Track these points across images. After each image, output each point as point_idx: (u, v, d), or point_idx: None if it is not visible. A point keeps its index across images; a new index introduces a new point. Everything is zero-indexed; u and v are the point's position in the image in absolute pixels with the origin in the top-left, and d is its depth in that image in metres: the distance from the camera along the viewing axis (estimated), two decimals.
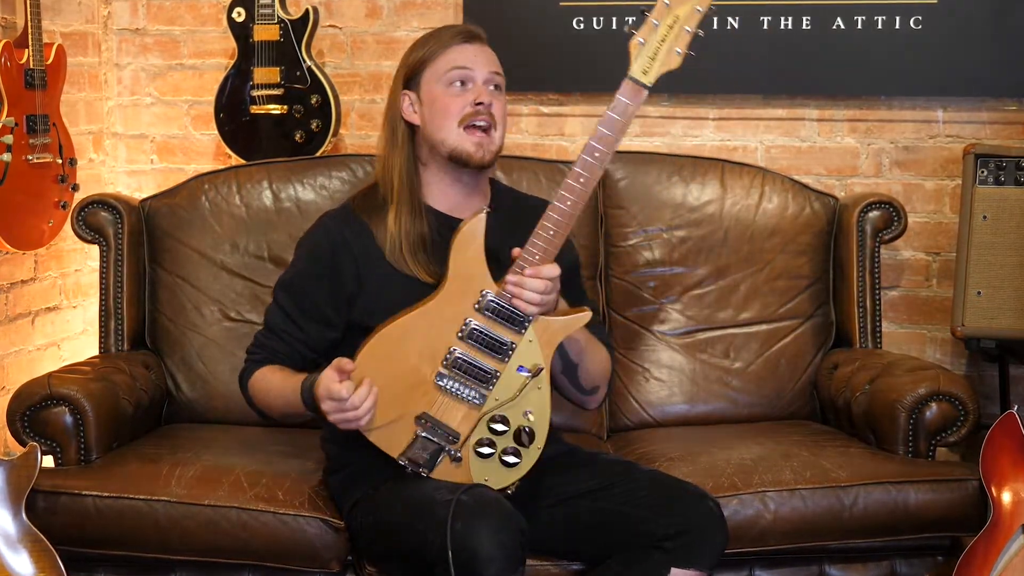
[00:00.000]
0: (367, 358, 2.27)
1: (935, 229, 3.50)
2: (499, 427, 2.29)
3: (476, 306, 2.28)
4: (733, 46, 3.44)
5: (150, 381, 2.97)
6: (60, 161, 3.31)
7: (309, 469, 2.66)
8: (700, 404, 3.09)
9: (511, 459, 2.30)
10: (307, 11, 3.45)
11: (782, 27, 3.42)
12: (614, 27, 3.48)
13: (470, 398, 2.29)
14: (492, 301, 2.27)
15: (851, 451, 2.77)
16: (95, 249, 3.11)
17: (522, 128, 3.62)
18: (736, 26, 3.43)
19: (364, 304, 2.43)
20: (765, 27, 3.43)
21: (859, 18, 3.39)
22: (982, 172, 3.15)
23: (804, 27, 3.41)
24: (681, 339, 3.13)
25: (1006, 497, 2.59)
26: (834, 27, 3.41)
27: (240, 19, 3.46)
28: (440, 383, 2.28)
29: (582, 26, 3.50)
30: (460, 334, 2.28)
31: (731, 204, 3.18)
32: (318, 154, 3.44)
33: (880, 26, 3.39)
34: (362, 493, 2.43)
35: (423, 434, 2.29)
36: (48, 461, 2.68)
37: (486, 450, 2.29)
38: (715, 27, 3.44)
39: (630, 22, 3.38)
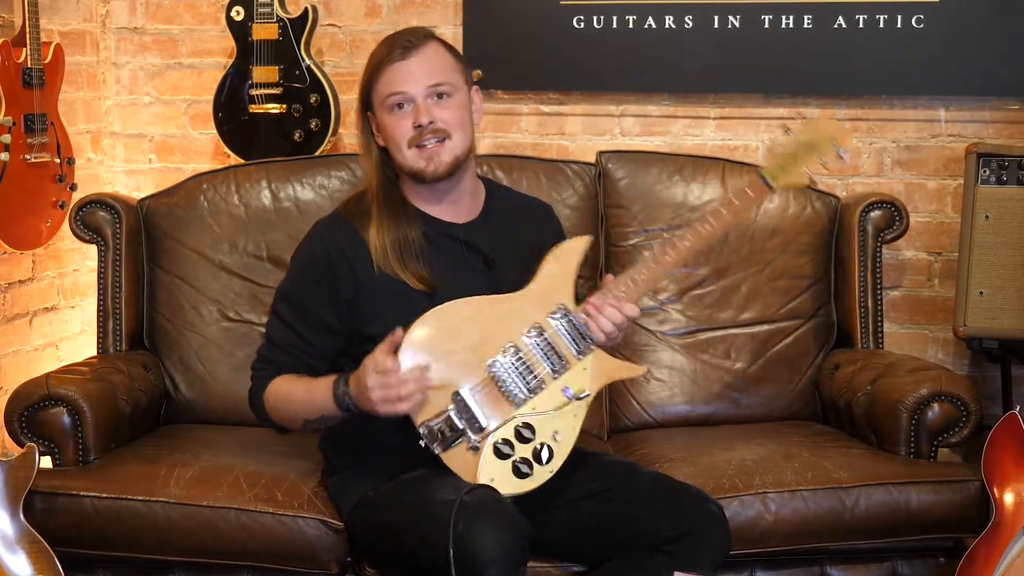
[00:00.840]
0: (434, 317, 2.28)
1: (937, 229, 3.49)
2: (526, 433, 2.30)
3: (550, 315, 2.33)
4: (734, 45, 3.43)
5: (148, 381, 2.96)
6: (58, 160, 3.30)
7: (308, 470, 2.65)
8: (701, 405, 3.08)
9: (524, 468, 2.29)
10: (306, 10, 3.44)
11: (783, 26, 3.41)
12: (614, 26, 3.47)
13: (512, 395, 2.30)
14: (567, 316, 2.34)
15: (852, 452, 2.76)
16: (93, 249, 3.10)
17: (522, 128, 3.61)
18: (737, 25, 3.42)
19: (361, 310, 2.41)
20: (766, 26, 3.42)
21: (860, 17, 3.38)
22: (984, 172, 3.14)
23: (805, 26, 3.40)
24: (682, 339, 3.12)
25: (1008, 498, 2.58)
26: (835, 26, 3.40)
27: (239, 18, 3.45)
28: (492, 370, 2.29)
29: (582, 25, 3.49)
30: (526, 335, 2.32)
31: None
32: (317, 153, 3.43)
33: (882, 25, 3.38)
34: (362, 495, 2.42)
35: (453, 412, 2.28)
36: (46, 462, 2.68)
37: (506, 450, 2.29)
38: (716, 26, 3.43)
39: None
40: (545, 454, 2.30)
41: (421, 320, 2.28)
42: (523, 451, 2.29)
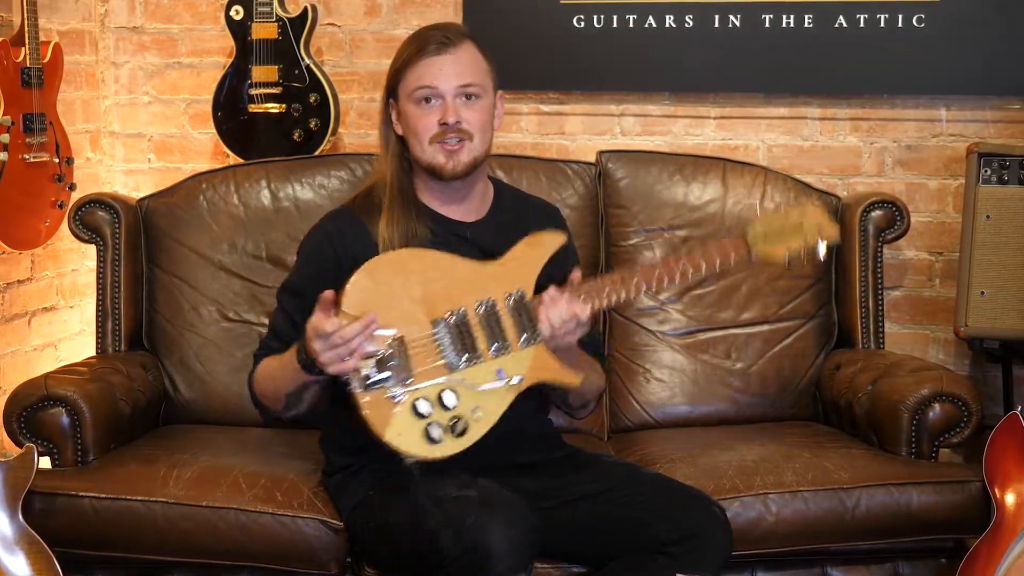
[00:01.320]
0: (393, 259, 2.28)
1: (938, 229, 3.48)
2: (448, 400, 2.23)
3: (507, 295, 2.30)
4: (734, 44, 3.42)
5: (147, 382, 2.96)
6: (57, 160, 3.29)
7: (308, 470, 2.64)
8: (701, 405, 3.07)
9: (435, 434, 2.22)
10: (305, 9, 3.43)
11: (784, 25, 3.41)
12: (615, 26, 3.46)
13: (448, 357, 2.26)
14: (522, 300, 2.30)
15: (853, 452, 2.76)
16: (92, 249, 3.10)
17: (522, 127, 3.61)
18: (737, 24, 3.42)
19: None
20: (767, 25, 3.41)
21: (861, 16, 3.38)
22: (985, 171, 3.13)
23: (806, 25, 3.40)
24: (682, 339, 3.11)
25: (1009, 498, 2.58)
26: (836, 25, 3.39)
27: (238, 17, 3.44)
28: (436, 328, 2.26)
29: (582, 24, 3.48)
30: (478, 305, 2.29)
31: (733, 203, 3.16)
32: (317, 153, 3.42)
33: (883, 24, 3.37)
34: (363, 495, 2.42)
35: (387, 355, 2.23)
36: (45, 462, 2.67)
37: (425, 409, 2.22)
38: (716, 25, 3.42)
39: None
40: (460, 426, 2.23)
41: (367, 266, 2.25)
42: (440, 417, 2.23)
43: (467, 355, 2.26)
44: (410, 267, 2.29)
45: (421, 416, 2.22)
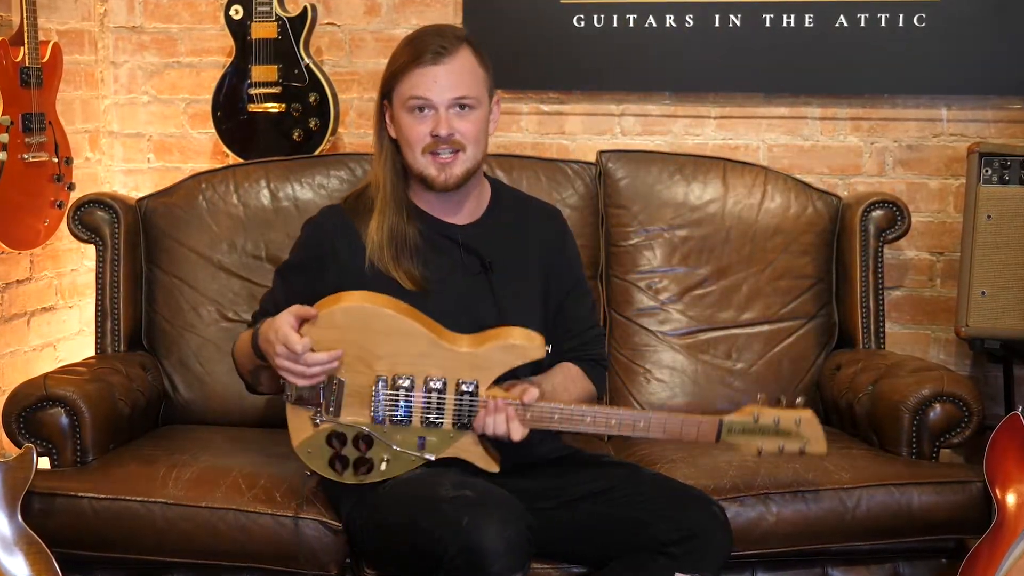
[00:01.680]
0: (373, 313, 2.29)
1: (939, 229, 3.48)
2: (362, 444, 2.33)
3: (461, 382, 2.31)
4: (735, 44, 3.42)
5: (147, 382, 2.95)
6: (56, 160, 3.29)
7: (307, 470, 2.63)
8: (702, 405, 3.06)
9: (339, 466, 2.34)
10: (305, 9, 3.43)
11: (784, 25, 3.40)
12: (615, 25, 3.46)
13: (377, 411, 2.31)
14: (471, 394, 2.31)
15: (854, 453, 2.75)
16: (91, 249, 3.10)
17: (522, 127, 3.60)
18: (738, 23, 3.42)
19: None
20: (767, 24, 3.41)
21: (862, 16, 3.38)
22: (986, 171, 3.12)
23: (806, 25, 3.39)
24: (683, 339, 3.11)
25: (1010, 499, 2.58)
26: (836, 25, 3.39)
27: (238, 17, 3.44)
28: (378, 383, 2.30)
29: (582, 24, 3.48)
30: (429, 379, 2.30)
31: (733, 203, 3.16)
32: (316, 153, 3.42)
33: (883, 24, 3.37)
34: (361, 494, 2.41)
35: (324, 387, 2.31)
36: (44, 463, 2.67)
37: (338, 443, 2.33)
38: (716, 24, 3.42)
39: (632, 21, 3.39)
40: (365, 468, 2.33)
41: (346, 305, 2.28)
42: (350, 453, 2.33)
43: (395, 417, 2.32)
44: (385, 327, 2.30)
45: (332, 447, 2.33)
